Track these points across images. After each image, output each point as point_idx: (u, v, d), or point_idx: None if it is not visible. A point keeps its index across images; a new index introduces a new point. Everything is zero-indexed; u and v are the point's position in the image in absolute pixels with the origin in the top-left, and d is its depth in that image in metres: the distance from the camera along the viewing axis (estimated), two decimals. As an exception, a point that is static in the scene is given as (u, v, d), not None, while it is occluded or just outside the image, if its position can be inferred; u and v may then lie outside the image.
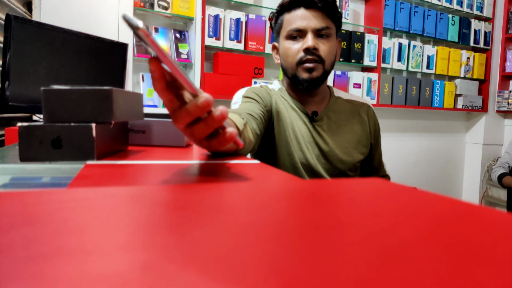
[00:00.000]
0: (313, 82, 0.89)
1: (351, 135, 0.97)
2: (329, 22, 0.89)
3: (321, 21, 0.87)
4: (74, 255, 0.14)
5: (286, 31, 0.90)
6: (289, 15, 0.90)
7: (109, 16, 1.80)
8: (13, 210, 0.20)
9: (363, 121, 1.01)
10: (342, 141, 0.96)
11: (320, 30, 0.87)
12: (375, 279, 0.12)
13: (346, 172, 0.96)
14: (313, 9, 0.88)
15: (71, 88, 0.43)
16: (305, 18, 0.87)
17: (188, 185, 0.29)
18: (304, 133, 0.93)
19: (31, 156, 0.43)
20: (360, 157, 0.98)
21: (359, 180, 0.32)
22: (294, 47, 0.89)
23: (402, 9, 2.68)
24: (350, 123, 0.98)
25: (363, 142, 0.99)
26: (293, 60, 0.89)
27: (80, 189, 0.26)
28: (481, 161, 3.13)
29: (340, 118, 0.97)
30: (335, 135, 0.95)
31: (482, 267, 0.13)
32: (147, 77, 2.03)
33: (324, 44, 0.88)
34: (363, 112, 1.02)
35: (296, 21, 0.88)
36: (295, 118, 0.94)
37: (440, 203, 0.24)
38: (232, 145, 0.52)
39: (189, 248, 0.15)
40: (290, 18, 0.89)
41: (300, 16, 0.88)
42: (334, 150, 0.94)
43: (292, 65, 0.90)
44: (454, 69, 2.95)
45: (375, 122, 1.04)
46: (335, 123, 0.96)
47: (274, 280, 0.12)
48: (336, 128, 0.96)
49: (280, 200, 0.24)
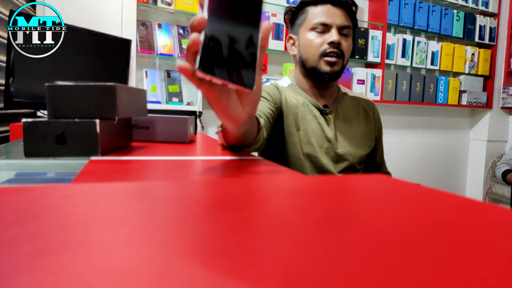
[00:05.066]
0: (333, 75, 0.93)
1: (358, 128, 1.01)
2: (350, 22, 0.95)
3: (344, 20, 0.93)
4: (79, 249, 0.14)
5: (311, 23, 0.93)
6: (315, 8, 0.93)
7: (112, 12, 1.80)
8: (18, 205, 0.20)
9: (368, 116, 1.05)
10: (350, 133, 1.00)
11: (343, 28, 0.92)
12: (378, 274, 0.12)
13: (354, 165, 0.99)
14: (338, 7, 0.92)
15: (75, 84, 0.44)
16: (331, 14, 0.92)
17: (191, 180, 0.30)
18: (314, 126, 0.96)
19: (35, 152, 0.43)
20: (366, 150, 1.02)
21: (363, 176, 0.32)
22: (318, 40, 0.92)
23: (407, 5, 2.66)
24: (356, 117, 1.03)
25: (368, 135, 1.03)
26: (317, 51, 0.92)
27: (84, 185, 0.26)
28: (485, 157, 3.12)
29: (347, 112, 1.01)
30: (343, 127, 0.99)
31: (485, 263, 0.13)
32: (150, 73, 2.03)
33: (345, 41, 0.93)
34: (368, 108, 1.06)
35: (322, 15, 0.92)
36: (305, 112, 0.97)
37: (443, 199, 0.24)
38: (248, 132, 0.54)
39: (193, 243, 0.15)
40: (316, 11, 0.93)
41: (326, 12, 0.92)
42: (343, 142, 0.98)
43: (315, 56, 0.93)
44: (458, 65, 2.93)
45: (378, 119, 1.09)
46: (344, 117, 1.00)
47: (278, 274, 0.12)
48: (344, 121, 1.00)
49: (284, 196, 0.24)
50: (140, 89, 0.56)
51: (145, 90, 0.59)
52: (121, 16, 1.82)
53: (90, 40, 1.43)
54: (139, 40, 1.95)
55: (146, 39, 1.98)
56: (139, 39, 1.95)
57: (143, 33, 1.98)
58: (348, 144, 0.98)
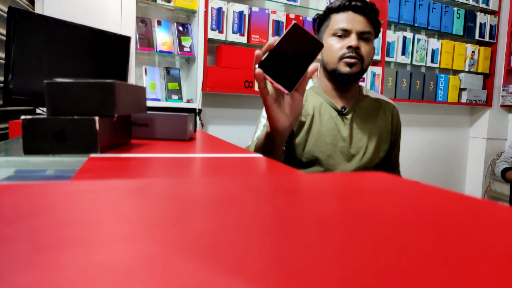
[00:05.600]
0: (352, 76, 0.98)
1: (374, 130, 1.06)
2: (371, 27, 0.99)
3: (364, 26, 0.97)
4: (78, 247, 0.14)
5: (332, 29, 0.99)
6: (337, 15, 0.99)
7: (112, 9, 1.79)
8: (18, 202, 0.20)
9: (386, 119, 1.09)
10: (366, 134, 1.04)
11: (363, 33, 0.97)
12: (378, 271, 0.12)
13: (367, 165, 1.04)
14: (359, 14, 0.97)
15: (74, 81, 0.43)
16: (351, 20, 0.97)
17: (191, 178, 0.30)
18: (329, 126, 1.02)
19: (34, 149, 0.43)
20: (380, 151, 1.06)
21: (362, 173, 0.32)
22: (338, 44, 0.98)
23: (407, 2, 2.65)
24: (374, 119, 1.07)
25: (384, 137, 1.08)
26: (336, 55, 0.98)
27: (83, 182, 0.26)
28: (484, 155, 3.12)
29: (366, 114, 1.06)
30: (360, 128, 1.04)
31: (484, 261, 0.13)
32: (149, 70, 2.02)
33: (365, 45, 0.98)
34: (388, 110, 1.11)
35: (343, 22, 0.98)
36: (323, 112, 1.03)
37: (443, 197, 0.24)
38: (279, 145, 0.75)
39: (192, 240, 0.15)
40: (338, 18, 0.99)
41: (347, 18, 0.98)
42: (358, 142, 1.03)
43: (334, 59, 0.98)
44: (458, 63, 2.93)
45: (398, 123, 1.13)
46: (361, 118, 1.05)
47: (276, 271, 0.12)
48: (361, 122, 1.05)
49: (283, 193, 0.24)
50: (139, 86, 0.56)
51: (145, 87, 0.59)
52: (120, 13, 1.82)
53: (90, 37, 1.43)
54: (138, 37, 1.94)
55: (145, 36, 1.98)
56: (139, 36, 1.95)
57: (142, 30, 1.97)
58: (363, 145, 1.03)
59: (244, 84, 2.15)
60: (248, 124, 2.39)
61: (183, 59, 2.18)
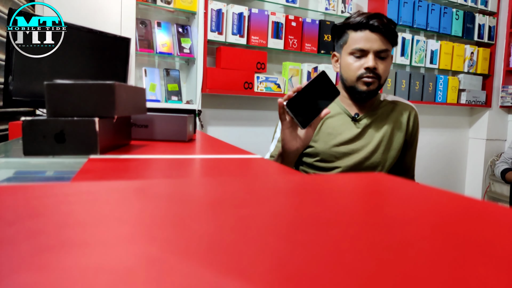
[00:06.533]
0: (369, 93, 1.01)
1: (387, 130, 1.06)
2: (388, 44, 1.00)
3: (382, 44, 0.98)
4: (78, 248, 0.14)
5: (350, 48, 1.00)
6: (355, 34, 1.00)
7: (111, 10, 1.79)
8: (17, 203, 0.20)
9: (401, 120, 1.10)
10: (377, 135, 1.05)
11: (380, 52, 0.98)
12: (377, 272, 0.12)
13: (378, 168, 1.05)
14: (376, 33, 0.98)
15: (74, 83, 0.43)
16: (369, 40, 0.98)
17: (191, 179, 0.30)
18: (341, 130, 1.04)
19: (34, 150, 0.43)
20: (392, 154, 1.07)
21: (361, 174, 0.32)
22: (356, 64, 1.00)
23: (406, 3, 2.65)
24: (387, 120, 1.07)
25: (397, 140, 1.08)
26: (354, 74, 1.00)
27: (83, 183, 0.26)
28: (484, 156, 3.12)
29: (380, 118, 1.07)
30: (370, 130, 1.05)
31: (484, 261, 0.13)
32: (149, 71, 2.03)
33: (382, 64, 1.00)
34: (405, 112, 1.11)
35: (360, 42, 0.98)
36: (336, 118, 1.05)
37: (442, 198, 0.24)
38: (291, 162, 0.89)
39: (192, 241, 0.15)
40: (355, 37, 0.99)
41: (364, 38, 0.98)
42: (370, 146, 1.04)
43: (353, 78, 1.01)
44: (457, 64, 2.93)
45: (415, 125, 1.13)
46: (375, 122, 1.06)
47: (276, 272, 0.12)
48: (374, 126, 1.06)
49: (282, 194, 0.25)
50: (139, 88, 0.56)
51: (144, 89, 0.59)
52: (120, 14, 1.82)
53: (89, 39, 1.43)
54: (138, 39, 1.94)
55: (145, 37, 1.98)
56: (138, 38, 1.95)
57: (142, 31, 1.97)
58: (374, 148, 1.04)
59: (244, 85, 2.16)
60: (248, 125, 2.40)
61: (183, 60, 2.18)
